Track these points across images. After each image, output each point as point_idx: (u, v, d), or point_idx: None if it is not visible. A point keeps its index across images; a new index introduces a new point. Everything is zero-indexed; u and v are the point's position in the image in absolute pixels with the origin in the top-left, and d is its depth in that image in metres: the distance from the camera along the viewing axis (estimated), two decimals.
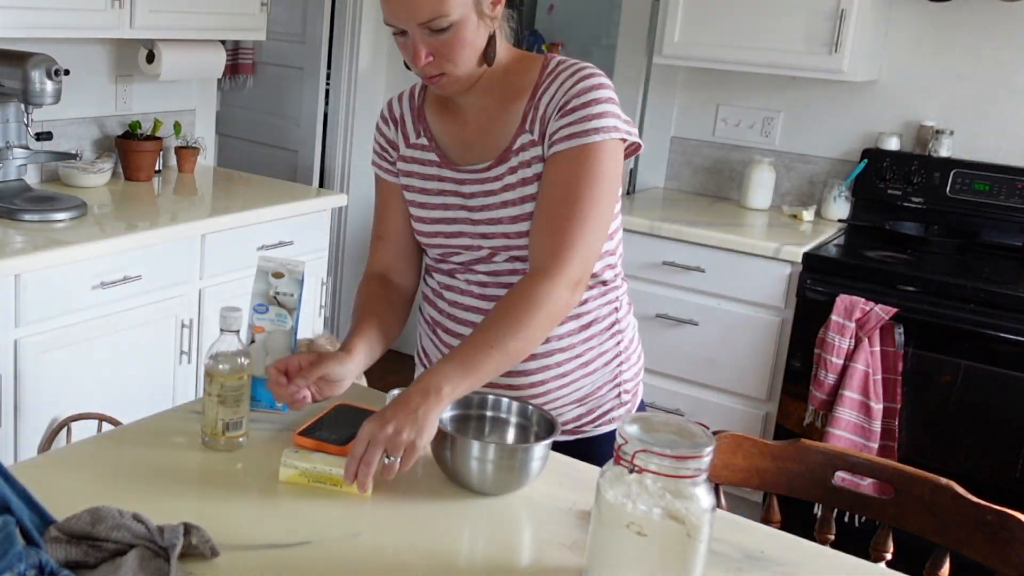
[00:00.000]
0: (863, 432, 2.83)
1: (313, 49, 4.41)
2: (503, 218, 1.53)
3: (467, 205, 1.56)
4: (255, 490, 1.36)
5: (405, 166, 1.63)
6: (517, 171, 1.51)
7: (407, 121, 1.64)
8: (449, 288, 1.65)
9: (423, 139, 1.61)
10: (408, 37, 1.45)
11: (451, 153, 1.59)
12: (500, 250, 1.56)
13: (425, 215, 1.61)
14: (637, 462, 1.09)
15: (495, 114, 1.55)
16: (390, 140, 1.66)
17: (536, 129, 1.50)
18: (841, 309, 2.84)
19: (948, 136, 3.29)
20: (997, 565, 1.44)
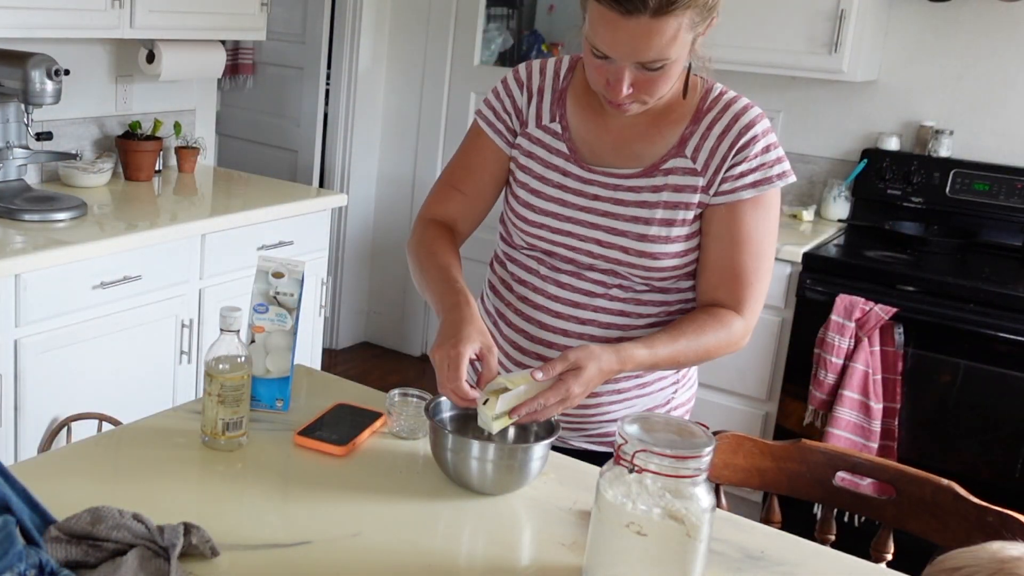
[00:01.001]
0: (863, 432, 2.83)
1: (313, 49, 4.41)
2: (628, 232, 1.48)
3: (590, 207, 1.50)
4: (255, 490, 1.36)
5: (529, 145, 1.56)
6: (661, 191, 1.48)
7: (545, 99, 1.55)
8: (523, 282, 1.59)
9: (557, 125, 1.54)
10: (612, 64, 1.37)
11: (583, 151, 1.53)
12: (606, 262, 1.51)
13: (537, 203, 1.54)
14: (637, 462, 1.09)
15: (645, 129, 1.50)
16: (518, 107, 1.57)
17: (701, 159, 1.47)
18: (841, 309, 2.84)
19: (948, 136, 3.29)
20: None
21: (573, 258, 1.54)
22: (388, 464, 1.46)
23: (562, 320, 1.56)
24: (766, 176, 1.46)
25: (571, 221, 1.52)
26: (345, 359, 4.49)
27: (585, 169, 1.52)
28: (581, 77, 1.55)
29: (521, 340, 1.61)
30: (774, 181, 1.47)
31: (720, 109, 1.48)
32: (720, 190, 1.46)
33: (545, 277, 1.57)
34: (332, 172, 4.49)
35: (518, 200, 1.57)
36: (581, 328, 1.56)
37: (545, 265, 1.57)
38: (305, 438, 1.47)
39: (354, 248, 4.58)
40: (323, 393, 1.66)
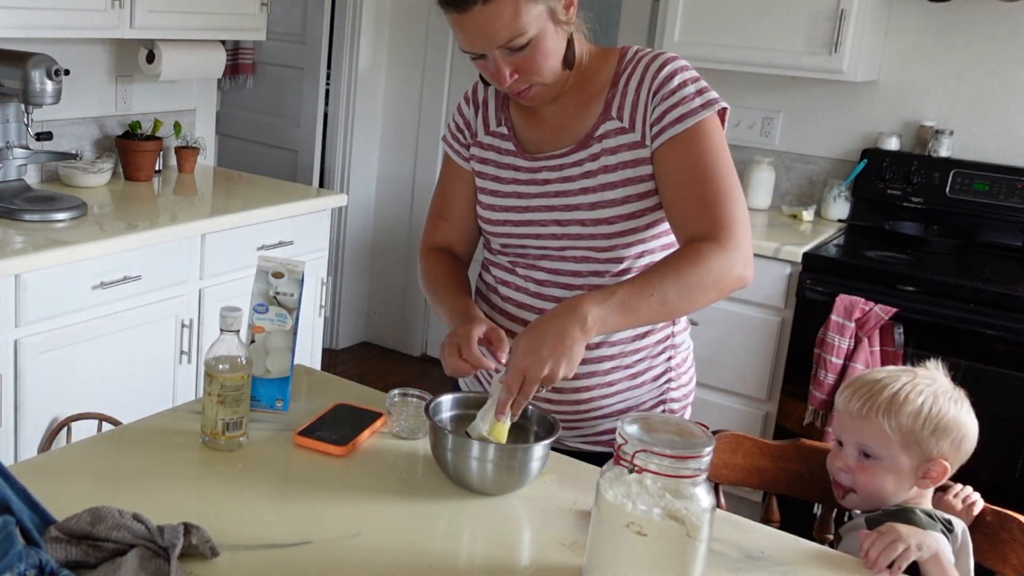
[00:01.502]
0: None
1: (313, 49, 4.41)
2: (581, 204, 1.52)
3: (543, 192, 1.55)
4: (255, 490, 1.36)
5: (480, 152, 1.63)
6: (599, 157, 1.52)
7: (490, 107, 1.64)
8: (505, 283, 1.63)
9: (503, 128, 1.62)
10: (488, 60, 1.45)
11: (527, 143, 1.59)
12: (572, 240, 1.54)
13: (496, 203, 1.60)
14: (637, 462, 1.09)
15: (575, 108, 1.55)
16: (467, 122, 1.66)
17: (626, 116, 1.51)
18: (841, 309, 2.84)
19: (948, 136, 3.29)
20: (997, 565, 1.44)
21: (543, 248, 1.57)
22: (388, 464, 1.46)
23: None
24: (690, 108, 1.47)
25: (529, 210, 1.57)
26: (345, 359, 4.49)
27: (531, 159, 1.58)
28: None
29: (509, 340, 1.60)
30: (699, 112, 1.47)
31: (634, 65, 1.52)
32: (652, 135, 1.49)
33: (525, 277, 1.61)
34: (332, 172, 4.49)
35: (482, 205, 1.63)
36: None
37: (520, 266, 1.61)
38: (305, 438, 1.47)
39: (354, 248, 4.58)
40: (323, 393, 1.66)
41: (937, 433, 1.40)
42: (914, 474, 1.42)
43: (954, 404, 1.43)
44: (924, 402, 1.42)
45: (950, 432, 1.41)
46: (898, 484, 1.43)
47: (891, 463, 1.42)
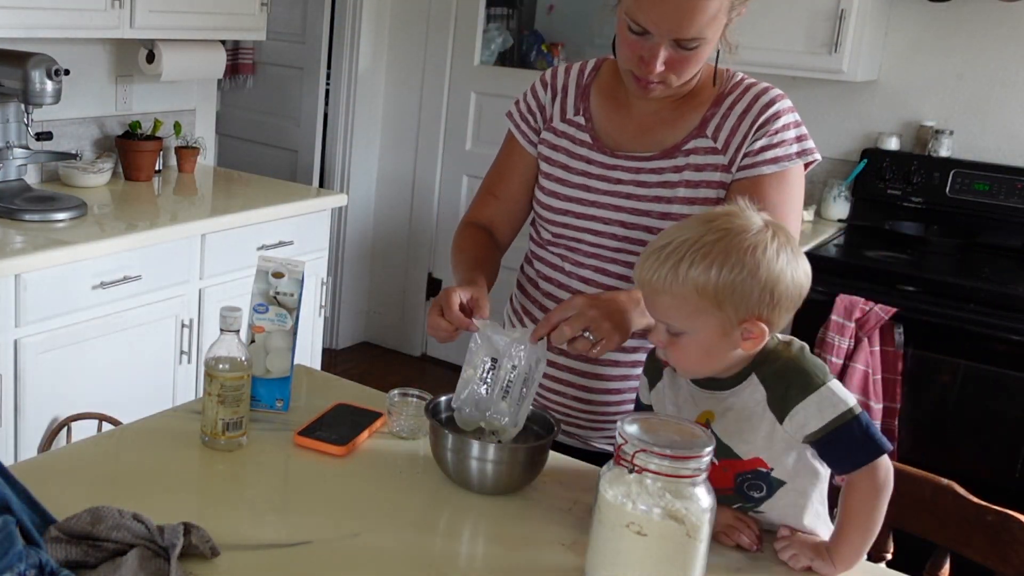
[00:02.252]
0: None
1: (313, 49, 4.41)
2: (652, 211, 1.52)
3: (613, 191, 1.54)
4: (255, 490, 1.37)
5: (553, 138, 1.61)
6: (683, 171, 1.51)
7: (569, 95, 1.61)
8: (548, 279, 1.63)
9: (580, 118, 1.59)
10: (648, 41, 1.41)
11: (606, 139, 1.57)
12: (632, 244, 1.53)
13: (561, 191, 1.58)
14: (637, 462, 1.09)
15: (667, 116, 1.54)
16: (542, 105, 1.63)
17: (721, 138, 1.50)
18: (841, 309, 2.84)
19: (948, 136, 3.29)
20: (997, 566, 1.44)
21: (598, 247, 1.56)
22: (388, 464, 1.46)
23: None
24: (787, 152, 1.49)
25: (595, 205, 1.55)
26: (345, 359, 4.49)
27: (608, 155, 1.55)
28: (606, 75, 1.61)
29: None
30: (794, 158, 1.49)
31: (741, 91, 1.52)
32: (741, 165, 1.48)
33: (570, 273, 1.60)
34: (332, 172, 4.49)
35: (544, 191, 1.61)
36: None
37: (569, 261, 1.60)
38: (305, 438, 1.47)
39: (354, 248, 4.58)
40: (323, 393, 1.66)
41: (736, 294, 1.20)
42: (729, 340, 1.23)
43: (752, 254, 1.20)
44: (713, 263, 1.19)
45: (751, 290, 1.20)
46: (711, 356, 1.25)
47: (696, 335, 1.23)
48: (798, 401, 1.23)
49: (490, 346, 1.42)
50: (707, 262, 1.20)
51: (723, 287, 1.20)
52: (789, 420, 1.24)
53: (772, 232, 1.23)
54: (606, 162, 1.55)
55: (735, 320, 1.22)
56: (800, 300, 1.26)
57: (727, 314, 1.22)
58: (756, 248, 1.20)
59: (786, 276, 1.22)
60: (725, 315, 1.22)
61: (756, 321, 1.23)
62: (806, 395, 1.23)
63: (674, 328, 1.25)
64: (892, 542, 1.58)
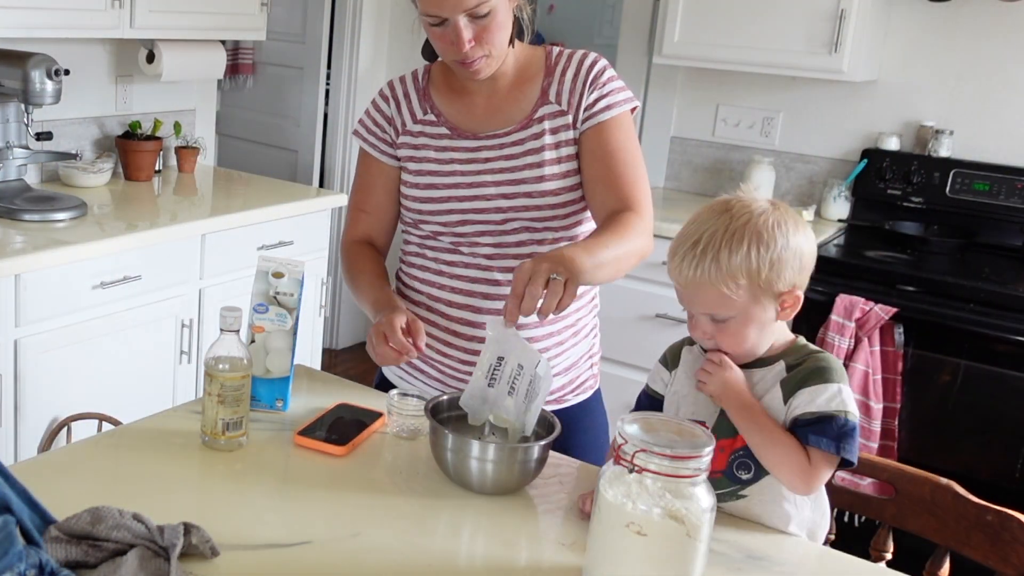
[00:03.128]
0: (863, 432, 2.83)
1: (313, 49, 4.40)
2: (527, 178, 1.64)
3: (487, 169, 1.66)
4: (255, 490, 1.37)
5: (412, 140, 1.71)
6: (542, 136, 1.65)
7: (412, 99, 1.73)
8: (452, 264, 1.70)
9: (431, 115, 1.71)
10: (448, 26, 1.54)
11: (461, 126, 1.69)
12: (516, 212, 1.65)
13: (439, 181, 1.67)
14: (637, 462, 1.09)
15: (507, 93, 1.68)
16: (388, 117, 1.74)
17: (564, 100, 1.66)
18: (841, 309, 2.84)
19: (948, 136, 3.29)
20: (997, 565, 1.44)
21: (486, 223, 1.66)
22: (388, 464, 1.46)
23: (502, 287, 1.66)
24: (616, 100, 1.66)
25: (474, 186, 1.66)
26: (345, 359, 4.49)
27: (471, 138, 1.68)
28: (437, 74, 1.74)
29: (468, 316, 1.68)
30: (622, 104, 1.67)
31: (566, 59, 1.69)
32: (584, 118, 1.66)
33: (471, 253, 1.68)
34: (332, 172, 4.49)
35: (419, 187, 1.69)
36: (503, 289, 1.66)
37: (463, 244, 1.68)
38: (305, 438, 1.47)
39: None
40: (323, 393, 1.66)
41: (775, 269, 1.28)
42: (770, 315, 1.33)
43: (778, 229, 1.29)
44: (749, 245, 1.28)
45: (787, 262, 1.29)
46: (760, 331, 1.34)
47: (744, 317, 1.31)
48: (808, 385, 1.31)
49: (497, 345, 1.43)
50: (745, 245, 1.28)
51: (767, 264, 1.28)
52: (792, 399, 1.31)
53: (781, 208, 1.32)
54: (470, 145, 1.67)
55: (775, 294, 1.31)
56: (814, 259, 1.35)
57: (767, 290, 1.30)
58: (779, 224, 1.30)
59: (806, 244, 1.32)
60: (766, 291, 1.30)
61: (793, 289, 1.32)
62: (817, 384, 1.30)
63: (720, 316, 1.32)
64: (892, 542, 1.58)
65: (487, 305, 1.68)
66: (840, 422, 1.28)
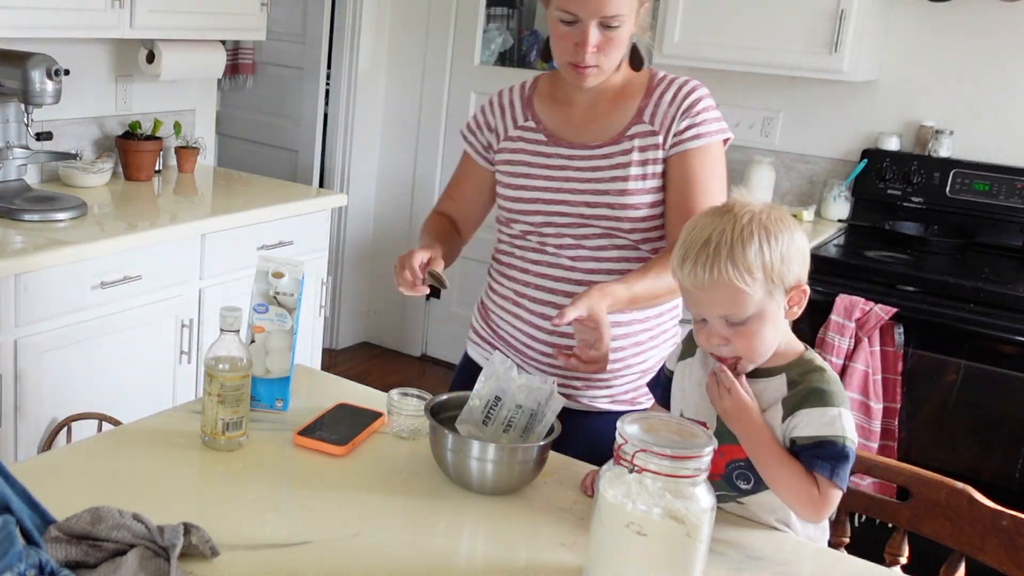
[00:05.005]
0: (863, 432, 2.82)
1: (313, 49, 4.40)
2: (611, 190, 1.71)
3: (574, 178, 1.73)
4: (255, 490, 1.37)
5: (511, 145, 1.81)
6: (631, 152, 1.72)
7: (516, 108, 1.84)
8: (537, 263, 1.77)
9: (531, 122, 1.81)
10: (577, 27, 1.62)
11: (558, 134, 1.77)
12: (597, 221, 1.72)
13: (530, 184, 1.76)
14: (637, 462, 1.09)
15: (606, 108, 1.75)
16: (490, 123, 1.86)
17: (657, 122, 1.72)
18: (841, 309, 2.84)
19: (948, 136, 3.29)
20: (1012, 571, 1.43)
21: (570, 225, 1.74)
22: (388, 464, 1.46)
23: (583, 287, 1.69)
24: (707, 130, 1.72)
25: (562, 191, 1.74)
26: (345, 359, 4.49)
27: (564, 146, 1.76)
28: (544, 85, 1.84)
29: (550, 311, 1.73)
30: (714, 135, 1.72)
31: (667, 84, 1.75)
32: (673, 143, 1.72)
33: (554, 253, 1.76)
34: (332, 172, 4.49)
35: (512, 187, 1.79)
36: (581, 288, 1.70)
37: (550, 244, 1.76)
38: (305, 438, 1.47)
39: (354, 248, 4.58)
40: (323, 393, 1.67)
41: (786, 262, 1.31)
42: (781, 311, 1.34)
43: (782, 224, 1.32)
44: (760, 239, 1.29)
45: (794, 256, 1.31)
46: (775, 329, 1.34)
47: (760, 316, 1.31)
48: (808, 406, 1.30)
49: (496, 383, 1.47)
50: (755, 241, 1.29)
51: (779, 258, 1.30)
52: (791, 418, 1.30)
53: (776, 207, 1.35)
54: (562, 153, 1.76)
55: (784, 291, 1.32)
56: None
57: (778, 287, 1.31)
58: (780, 219, 1.33)
59: (804, 241, 1.34)
60: (776, 288, 1.31)
61: (799, 285, 1.33)
62: (817, 406, 1.30)
63: (736, 317, 1.32)
64: (907, 546, 1.57)
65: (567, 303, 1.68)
66: (838, 447, 1.29)
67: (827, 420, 1.29)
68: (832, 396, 1.31)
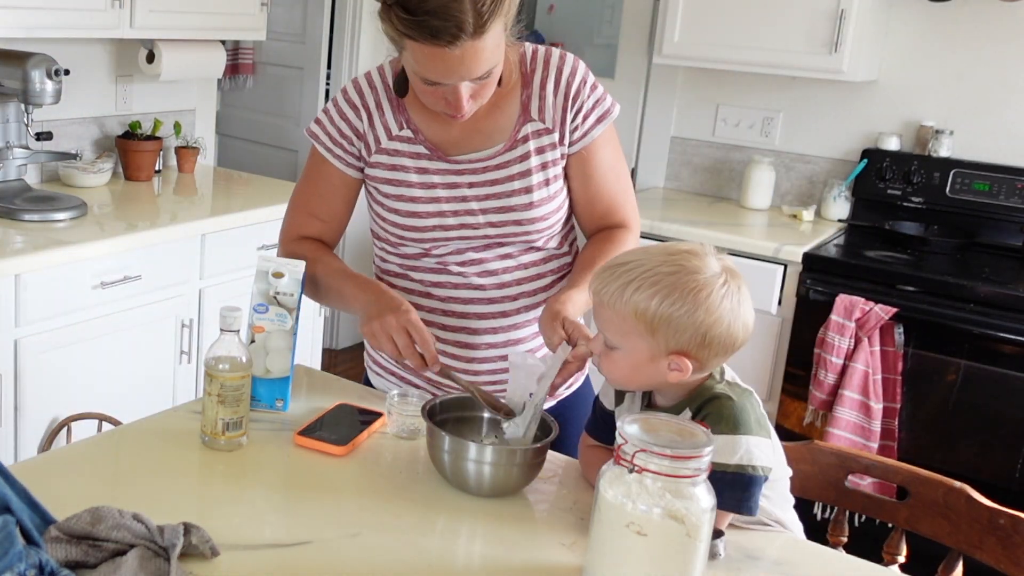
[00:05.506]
0: (863, 432, 2.83)
1: (313, 49, 4.40)
2: (516, 205, 1.57)
3: (471, 196, 1.57)
4: (255, 490, 1.37)
5: (388, 159, 1.60)
6: (529, 158, 1.57)
7: (386, 112, 1.60)
8: (439, 284, 1.64)
9: (407, 131, 1.59)
10: (445, 88, 1.43)
11: (441, 145, 1.58)
12: (505, 237, 1.59)
13: (421, 209, 1.59)
14: (637, 462, 1.09)
15: (486, 109, 1.54)
16: (358, 131, 1.61)
17: (548, 117, 1.57)
18: (841, 309, 2.84)
19: (948, 136, 3.29)
20: (1009, 569, 1.44)
21: (475, 246, 1.60)
22: (388, 464, 1.46)
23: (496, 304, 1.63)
24: (605, 110, 1.60)
25: (460, 213, 1.58)
26: (345, 359, 4.49)
27: (451, 162, 1.58)
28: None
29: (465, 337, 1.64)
30: (611, 113, 1.61)
31: (543, 67, 1.58)
32: (574, 138, 1.58)
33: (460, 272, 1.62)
34: None
35: (400, 213, 1.60)
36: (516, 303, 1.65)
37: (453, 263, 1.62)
38: (305, 438, 1.47)
39: (354, 248, 4.57)
40: (323, 393, 1.66)
41: (670, 327, 1.25)
42: (656, 367, 1.29)
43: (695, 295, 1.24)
44: (657, 293, 1.25)
45: (685, 327, 1.24)
46: (637, 374, 1.31)
47: (628, 353, 1.29)
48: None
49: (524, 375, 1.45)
50: (652, 291, 1.26)
51: (659, 317, 1.26)
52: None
53: (724, 279, 1.28)
54: (451, 168, 1.58)
55: (664, 350, 1.28)
56: (733, 349, 1.30)
57: (658, 342, 1.27)
58: (702, 291, 1.25)
59: (722, 324, 1.27)
60: (656, 343, 1.27)
61: (683, 356, 1.28)
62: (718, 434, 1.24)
63: (610, 342, 1.31)
64: (905, 545, 1.57)
65: (482, 325, 1.64)
66: (741, 480, 1.24)
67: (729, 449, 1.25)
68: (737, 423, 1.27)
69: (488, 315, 1.64)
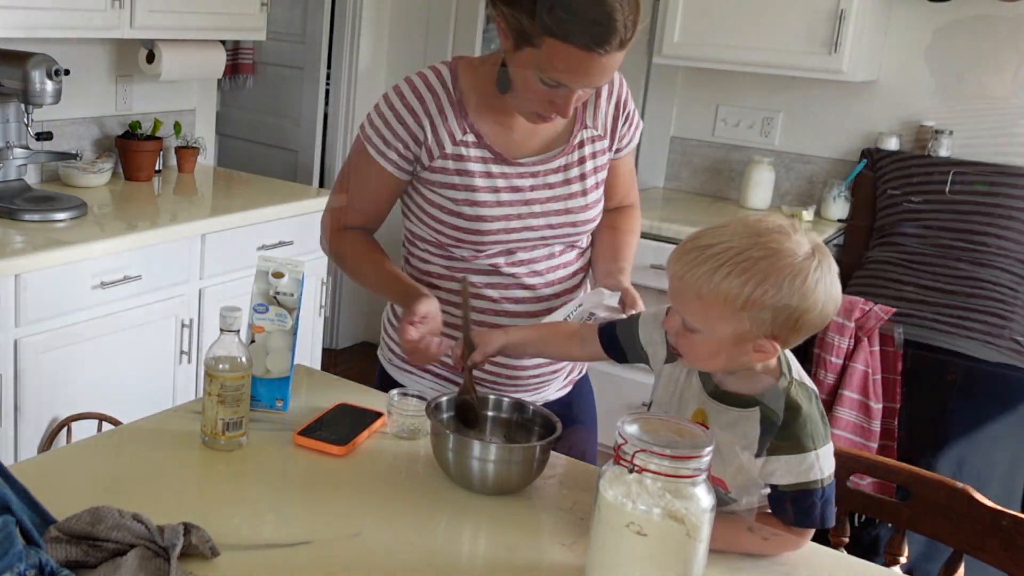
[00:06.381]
0: (862, 432, 2.82)
1: (313, 49, 4.40)
2: (574, 208, 1.64)
3: (533, 199, 1.62)
4: (255, 490, 1.37)
5: (453, 164, 1.59)
6: (584, 163, 1.65)
7: (449, 118, 1.59)
8: (490, 286, 1.65)
9: (471, 135, 1.60)
10: (564, 90, 1.47)
11: (502, 150, 1.61)
12: (557, 237, 1.65)
13: (487, 213, 1.59)
14: (637, 462, 1.09)
15: None
16: (415, 136, 1.59)
17: (600, 124, 1.66)
18: (841, 309, 2.84)
19: (948, 136, 3.29)
20: (1011, 570, 1.43)
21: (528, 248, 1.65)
22: (388, 464, 1.46)
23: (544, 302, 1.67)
24: (637, 121, 1.74)
25: (523, 216, 1.62)
26: (345, 359, 4.49)
27: (513, 165, 1.61)
28: (466, 82, 1.61)
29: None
30: (641, 124, 1.76)
31: None
32: (621, 145, 1.71)
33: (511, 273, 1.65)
34: (332, 172, 4.48)
35: (464, 217, 1.60)
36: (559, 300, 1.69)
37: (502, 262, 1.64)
38: (305, 438, 1.47)
39: None
40: (323, 393, 1.66)
41: (763, 313, 1.19)
42: (741, 350, 1.24)
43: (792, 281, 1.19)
44: (751, 279, 1.18)
45: (779, 313, 1.19)
46: (718, 357, 1.26)
47: (710, 337, 1.24)
48: (784, 453, 1.26)
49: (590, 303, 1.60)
50: (745, 277, 1.19)
51: (752, 304, 1.19)
52: (766, 463, 1.27)
53: (817, 260, 1.21)
54: (512, 172, 1.61)
55: (752, 335, 1.23)
56: (822, 327, 1.26)
57: (746, 327, 1.22)
58: (797, 276, 1.19)
59: (816, 306, 1.21)
60: (744, 327, 1.22)
61: (772, 339, 1.23)
62: (791, 454, 1.25)
63: (690, 324, 1.26)
64: (907, 546, 1.57)
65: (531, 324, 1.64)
66: (818, 495, 1.25)
67: (804, 468, 1.25)
68: (807, 438, 1.25)
69: (537, 313, 1.67)
